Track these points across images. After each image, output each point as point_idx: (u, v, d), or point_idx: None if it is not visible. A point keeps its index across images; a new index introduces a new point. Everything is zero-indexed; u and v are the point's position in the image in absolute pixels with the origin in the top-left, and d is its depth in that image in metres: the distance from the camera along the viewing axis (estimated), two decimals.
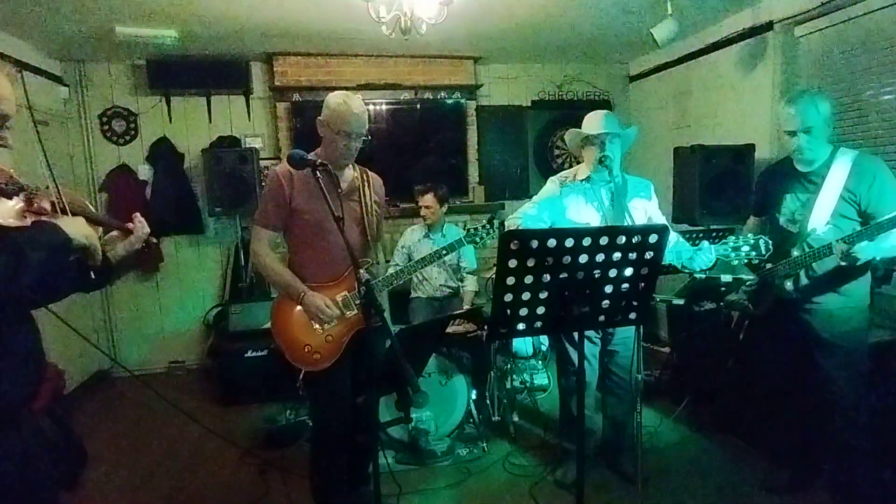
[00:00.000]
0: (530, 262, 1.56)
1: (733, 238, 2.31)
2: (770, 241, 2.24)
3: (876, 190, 2.21)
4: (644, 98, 5.25)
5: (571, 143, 2.75)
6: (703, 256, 2.37)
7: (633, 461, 2.76)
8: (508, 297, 1.61)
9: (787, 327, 2.49)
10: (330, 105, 2.17)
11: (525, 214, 2.74)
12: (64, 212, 1.41)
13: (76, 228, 1.36)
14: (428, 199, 3.84)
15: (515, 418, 3.46)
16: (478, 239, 2.40)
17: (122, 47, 4.03)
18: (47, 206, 1.40)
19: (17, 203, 1.34)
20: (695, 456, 3.04)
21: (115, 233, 1.65)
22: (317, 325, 2.19)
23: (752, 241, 2.24)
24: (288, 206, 2.19)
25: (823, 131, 2.28)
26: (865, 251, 2.07)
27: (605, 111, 2.69)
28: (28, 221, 1.34)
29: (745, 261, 2.27)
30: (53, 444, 1.49)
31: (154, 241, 1.70)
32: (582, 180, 2.70)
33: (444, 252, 2.46)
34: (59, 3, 3.22)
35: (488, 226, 2.39)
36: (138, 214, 1.67)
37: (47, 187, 1.42)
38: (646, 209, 2.69)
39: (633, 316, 1.77)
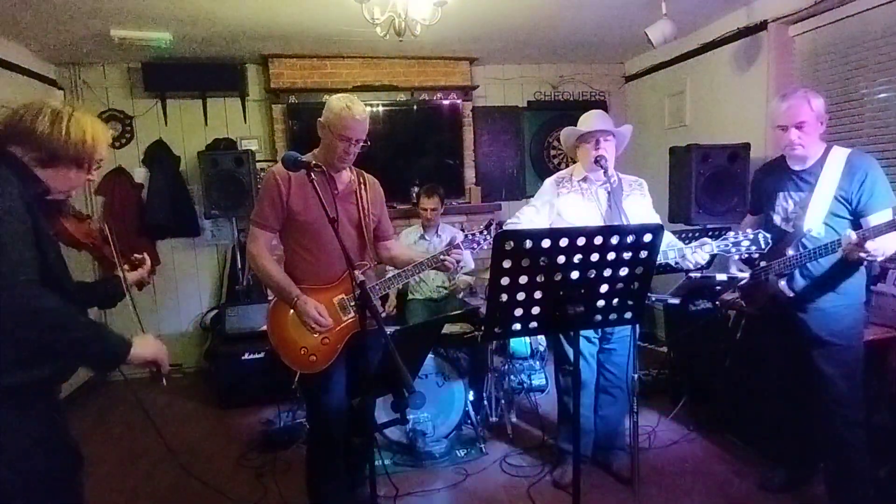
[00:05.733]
0: (525, 263, 1.56)
1: (733, 233, 2.31)
2: (769, 235, 2.25)
3: (867, 188, 2.21)
4: (640, 98, 5.26)
5: (566, 142, 2.76)
6: (696, 255, 2.38)
7: (626, 461, 2.77)
8: (503, 298, 1.61)
9: (783, 326, 2.49)
10: (332, 108, 2.15)
11: (525, 217, 2.74)
12: (106, 242, 1.77)
13: (142, 349, 1.52)
14: (435, 202, 3.85)
15: (513, 419, 3.46)
16: (475, 245, 2.39)
17: (118, 50, 4.02)
18: (97, 234, 1.75)
19: (85, 227, 1.72)
20: (692, 455, 3.05)
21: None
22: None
23: (752, 236, 2.25)
24: (284, 207, 2.18)
25: (815, 128, 2.28)
26: (877, 248, 2.06)
27: (599, 111, 2.70)
28: (88, 241, 1.71)
29: (746, 255, 2.28)
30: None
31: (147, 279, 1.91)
32: (579, 180, 2.71)
33: (443, 256, 2.44)
34: (54, 7, 3.21)
35: (485, 231, 2.38)
36: (144, 255, 1.90)
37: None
38: (640, 207, 2.69)
39: (628, 315, 1.77)
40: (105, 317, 4.58)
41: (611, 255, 1.62)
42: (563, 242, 1.55)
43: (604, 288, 1.68)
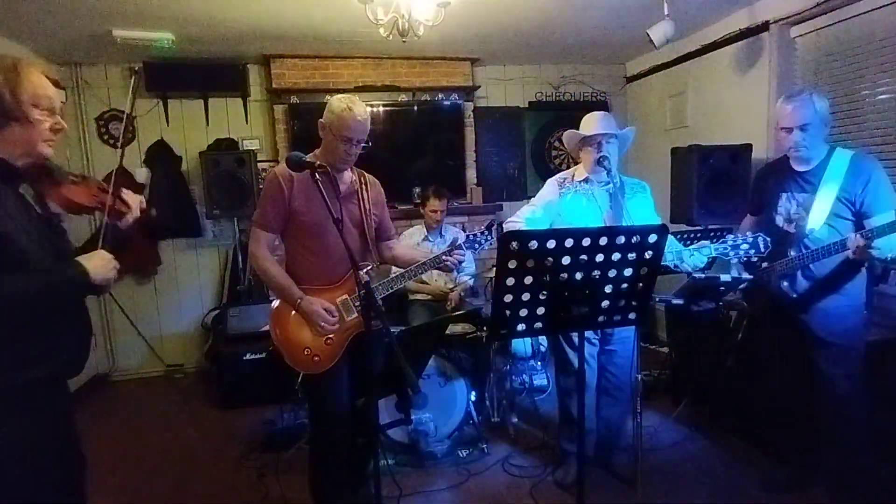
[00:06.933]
0: (530, 263, 1.56)
1: (732, 236, 2.31)
2: (769, 239, 2.24)
3: (871, 190, 2.22)
4: (641, 98, 5.26)
5: (569, 144, 2.76)
6: (694, 258, 2.37)
7: (628, 461, 2.77)
8: (508, 298, 1.61)
9: (784, 326, 2.50)
10: (333, 109, 2.15)
11: (525, 216, 2.75)
12: (107, 192, 1.62)
13: (100, 269, 1.49)
14: (444, 203, 3.90)
15: (515, 419, 3.46)
16: (476, 245, 2.40)
17: (120, 50, 4.02)
18: (97, 189, 1.62)
19: (84, 189, 1.58)
20: (694, 455, 3.05)
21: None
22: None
23: (751, 239, 2.24)
24: (287, 207, 2.18)
25: (820, 130, 2.29)
26: (884, 248, 2.05)
27: (602, 112, 2.70)
28: (95, 202, 1.58)
29: (745, 259, 2.27)
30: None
31: (153, 213, 1.82)
32: (580, 181, 2.71)
33: (445, 257, 2.44)
34: (56, 7, 3.21)
35: (486, 232, 2.39)
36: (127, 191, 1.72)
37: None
38: (643, 210, 2.69)
39: (632, 316, 1.77)
40: (104, 308, 4.59)
41: (615, 256, 1.63)
42: (569, 243, 1.56)
43: (608, 289, 1.68)
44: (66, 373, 1.59)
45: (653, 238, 1.63)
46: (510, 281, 1.58)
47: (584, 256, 1.59)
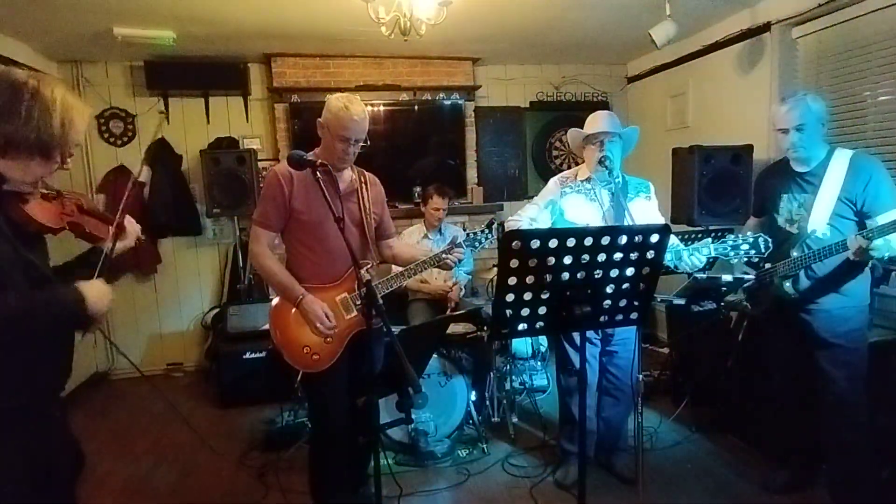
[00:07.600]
0: (532, 262, 1.56)
1: (732, 237, 2.31)
2: (770, 240, 2.24)
3: (872, 189, 2.22)
4: (642, 99, 5.26)
5: (573, 143, 2.76)
6: (693, 258, 2.36)
7: (628, 462, 2.77)
8: (510, 298, 1.61)
9: (786, 327, 2.49)
10: (331, 108, 2.15)
11: (526, 215, 2.75)
12: (88, 213, 1.52)
13: (98, 299, 1.40)
14: (447, 202, 3.91)
15: (515, 419, 3.46)
16: (476, 244, 2.39)
17: (120, 48, 4.01)
18: (74, 208, 1.49)
19: (55, 207, 1.44)
20: (694, 456, 3.04)
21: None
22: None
23: (752, 240, 2.24)
24: (287, 206, 2.17)
25: (816, 130, 2.29)
26: (881, 248, 2.05)
27: (607, 112, 2.69)
28: (63, 223, 1.44)
29: (745, 259, 2.27)
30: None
31: (143, 237, 1.72)
32: (582, 180, 2.71)
33: (445, 255, 2.44)
34: (57, 4, 3.20)
35: (487, 230, 2.38)
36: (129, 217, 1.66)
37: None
38: (646, 210, 2.69)
39: (634, 316, 1.77)
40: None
41: (617, 256, 1.62)
42: (571, 242, 1.55)
43: (610, 288, 1.68)
44: (47, 394, 1.50)
45: (655, 238, 1.63)
46: (512, 280, 1.57)
47: (586, 256, 1.58)
